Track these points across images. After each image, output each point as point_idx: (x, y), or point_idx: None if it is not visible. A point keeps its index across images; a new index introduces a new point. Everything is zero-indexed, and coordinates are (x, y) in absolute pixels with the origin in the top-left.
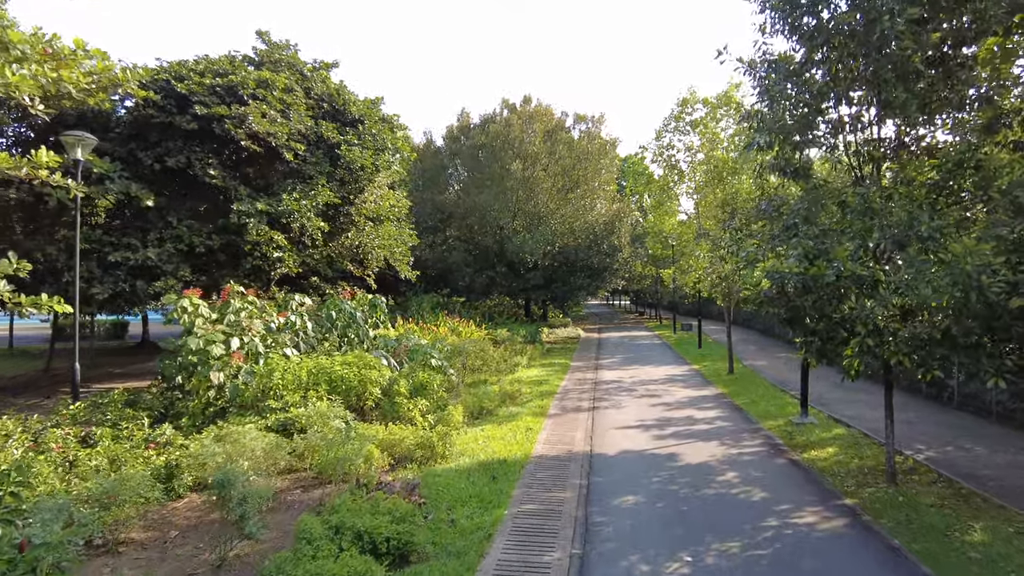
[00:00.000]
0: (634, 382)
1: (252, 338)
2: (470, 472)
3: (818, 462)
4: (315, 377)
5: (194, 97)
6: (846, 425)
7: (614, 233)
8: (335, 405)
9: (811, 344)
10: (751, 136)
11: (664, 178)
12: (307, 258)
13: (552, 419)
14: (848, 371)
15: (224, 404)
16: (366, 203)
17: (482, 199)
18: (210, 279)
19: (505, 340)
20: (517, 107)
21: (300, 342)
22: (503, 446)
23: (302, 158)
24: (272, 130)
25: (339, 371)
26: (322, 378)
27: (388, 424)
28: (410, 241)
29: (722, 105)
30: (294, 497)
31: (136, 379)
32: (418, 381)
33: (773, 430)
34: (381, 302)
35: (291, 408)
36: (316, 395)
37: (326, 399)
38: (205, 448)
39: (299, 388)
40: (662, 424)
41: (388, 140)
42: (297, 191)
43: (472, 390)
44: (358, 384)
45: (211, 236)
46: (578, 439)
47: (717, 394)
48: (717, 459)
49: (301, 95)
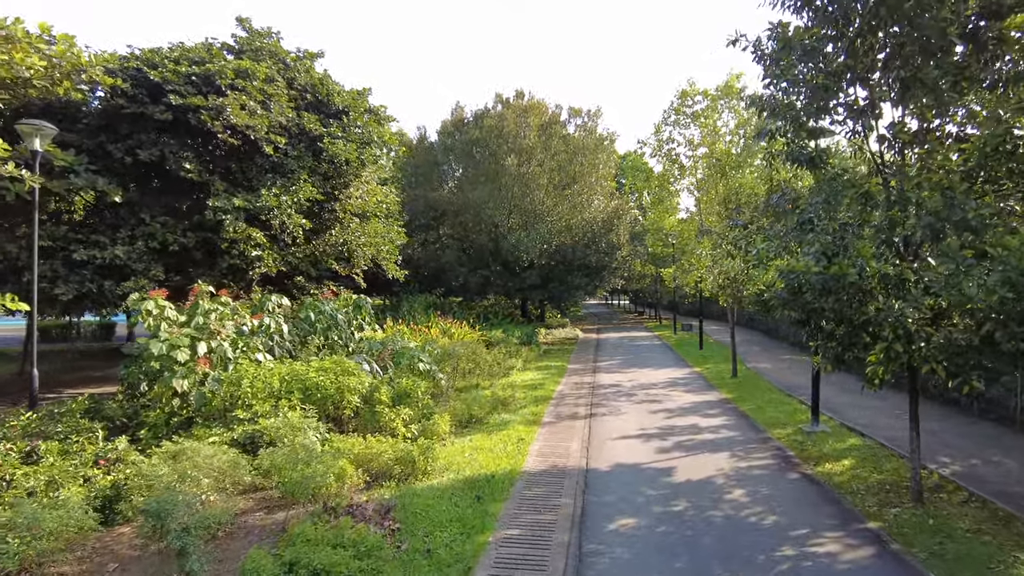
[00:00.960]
0: (634, 386)
1: (221, 342)
2: (453, 490)
3: (834, 477)
4: (288, 385)
5: (168, 86)
6: (860, 434)
7: (612, 231)
8: (309, 415)
9: (828, 349)
10: (761, 123)
11: (664, 174)
12: (289, 257)
13: (546, 428)
14: (871, 380)
15: (190, 414)
16: (351, 199)
17: (476, 196)
18: (186, 279)
19: (500, 342)
20: (511, 101)
21: (275, 346)
22: (491, 459)
23: (283, 152)
24: (251, 122)
25: (314, 378)
26: (295, 386)
27: (366, 436)
28: (398, 239)
29: (723, 97)
30: (255, 520)
31: (115, 384)
32: (401, 388)
33: (783, 440)
34: (366, 303)
35: (260, 419)
36: (288, 404)
37: (299, 408)
38: (153, 467)
39: (270, 397)
40: (664, 433)
41: (374, 133)
42: (277, 186)
43: (463, 395)
44: (335, 392)
45: (186, 234)
46: (573, 451)
47: (721, 399)
48: (724, 474)
49: (283, 85)
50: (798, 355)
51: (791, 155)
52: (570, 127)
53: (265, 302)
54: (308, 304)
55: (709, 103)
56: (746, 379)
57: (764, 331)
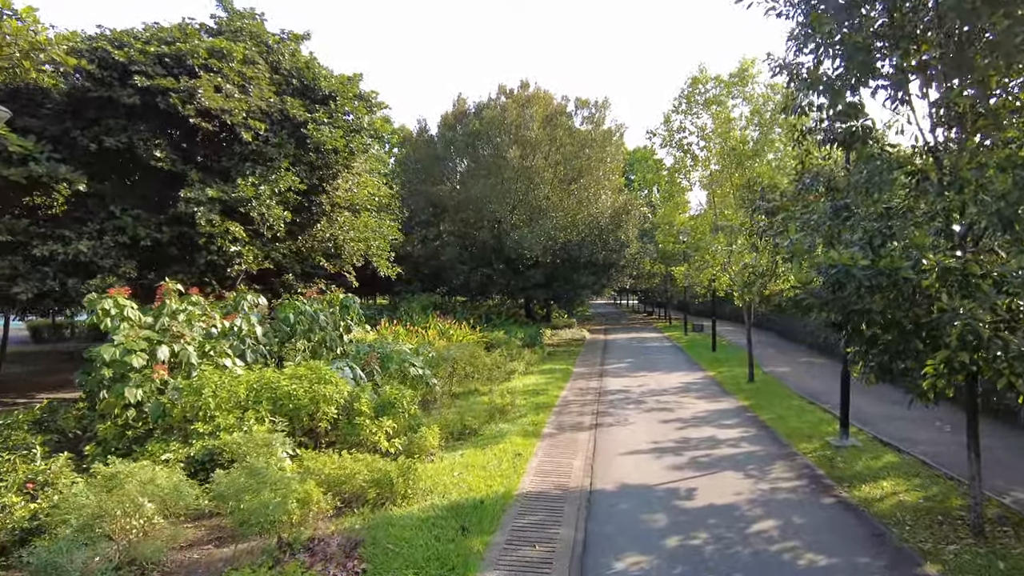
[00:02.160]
0: (643, 392)
1: (185, 346)
2: (436, 519)
3: (874, 503)
4: (256, 394)
5: (134, 67)
6: (896, 449)
7: (621, 227)
8: (278, 428)
9: (872, 358)
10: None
11: (674, 167)
12: (273, 253)
13: (546, 441)
14: (924, 395)
15: (147, 427)
16: (339, 190)
17: (478, 190)
18: (161, 277)
19: (501, 344)
20: (514, 92)
21: (247, 351)
22: (483, 479)
23: (263, 139)
24: (227, 106)
25: (285, 386)
26: (264, 395)
27: (343, 452)
28: (391, 234)
29: (737, 84)
30: (202, 555)
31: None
32: (385, 397)
33: (810, 456)
34: (354, 302)
35: (222, 433)
36: (255, 416)
37: (268, 421)
38: (76, 496)
39: (236, 407)
40: (677, 448)
41: (364, 120)
42: (255, 175)
43: (459, 402)
44: (308, 402)
45: (161, 228)
46: (576, 469)
47: (738, 407)
48: (748, 498)
49: (265, 69)
50: (816, 357)
51: (826, 132)
52: (577, 119)
53: (240, 301)
54: (286, 304)
55: (723, 90)
56: (763, 384)
57: (778, 332)
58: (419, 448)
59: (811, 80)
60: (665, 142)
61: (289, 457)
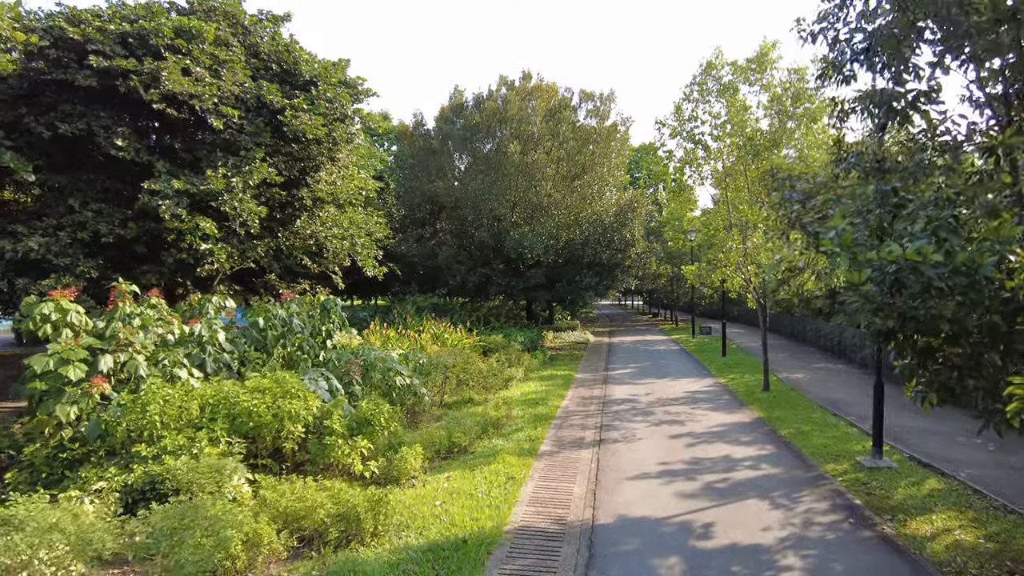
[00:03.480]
0: (651, 401)
1: (133, 356)
2: (407, 565)
3: (926, 543)
4: (212, 410)
5: (91, 46)
6: (938, 472)
7: (626, 226)
8: (235, 451)
9: (932, 374)
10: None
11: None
12: (250, 251)
13: (544, 461)
14: (1006, 422)
15: (87, 449)
16: (320, 183)
17: (476, 187)
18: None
19: (500, 348)
20: (516, 84)
21: (207, 360)
22: (469, 511)
23: (237, 127)
24: (196, 91)
25: (245, 402)
26: (221, 411)
27: (307, 479)
28: (377, 231)
29: (754, 70)
30: None
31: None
32: (361, 413)
33: (841, 480)
34: (335, 304)
35: (167, 457)
36: (209, 436)
37: (224, 442)
38: None
39: (188, 426)
40: (690, 470)
41: (349, 108)
42: (226, 167)
43: (451, 413)
44: (272, 420)
45: (126, 224)
46: (576, 497)
47: (755, 420)
48: (776, 536)
49: (240, 52)
50: (832, 362)
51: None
52: (581, 112)
53: (204, 304)
54: (256, 307)
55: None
56: (780, 393)
57: (789, 335)
58: (399, 471)
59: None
60: (675, 133)
61: (248, 483)
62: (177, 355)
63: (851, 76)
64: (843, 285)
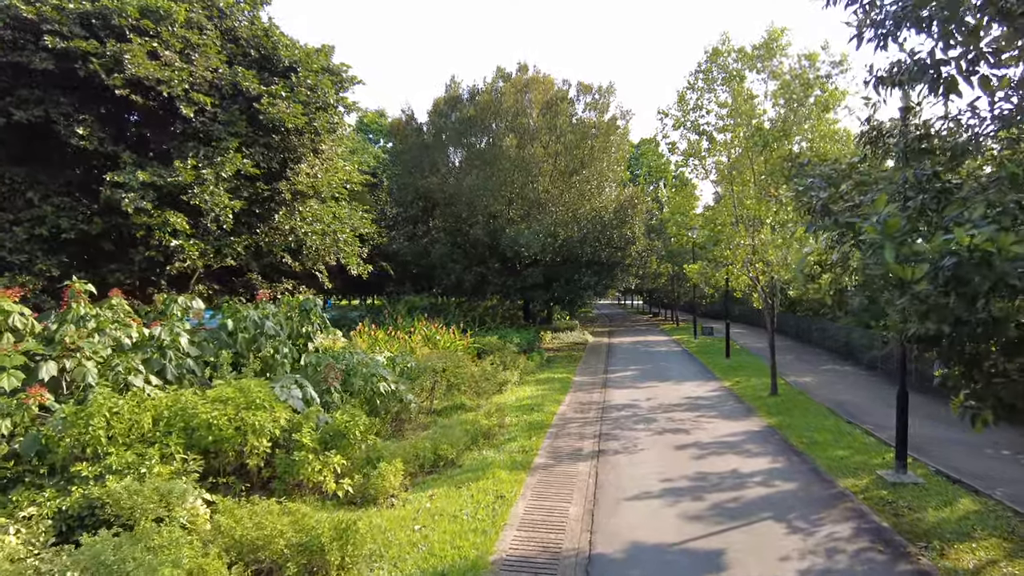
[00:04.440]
0: (652, 407)
1: (81, 362)
2: None
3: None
4: (167, 423)
5: (47, 25)
6: (971, 490)
7: (626, 223)
8: (191, 468)
9: (989, 388)
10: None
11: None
12: (226, 248)
13: (538, 476)
14: None
15: (21, 468)
16: (300, 175)
17: (470, 183)
18: (94, 276)
19: (496, 349)
20: (512, 76)
21: (168, 366)
22: (451, 536)
23: (210, 115)
24: (162, 76)
25: (204, 414)
26: (177, 424)
27: (271, 500)
28: (362, 226)
29: (762, 57)
30: None
31: None
32: (335, 426)
33: (863, 498)
34: (315, 305)
35: (111, 477)
36: (162, 452)
37: (179, 458)
38: None
39: (140, 441)
40: (696, 487)
41: (331, 96)
42: (196, 157)
43: (441, 420)
44: (234, 433)
45: (91, 219)
46: (571, 519)
47: (764, 428)
48: (796, 568)
49: (215, 36)
50: (839, 364)
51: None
52: (579, 105)
53: (170, 304)
54: (225, 308)
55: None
56: (788, 398)
57: (793, 335)
58: (377, 489)
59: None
60: (678, 123)
61: (207, 504)
62: (133, 361)
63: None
64: (856, 284)
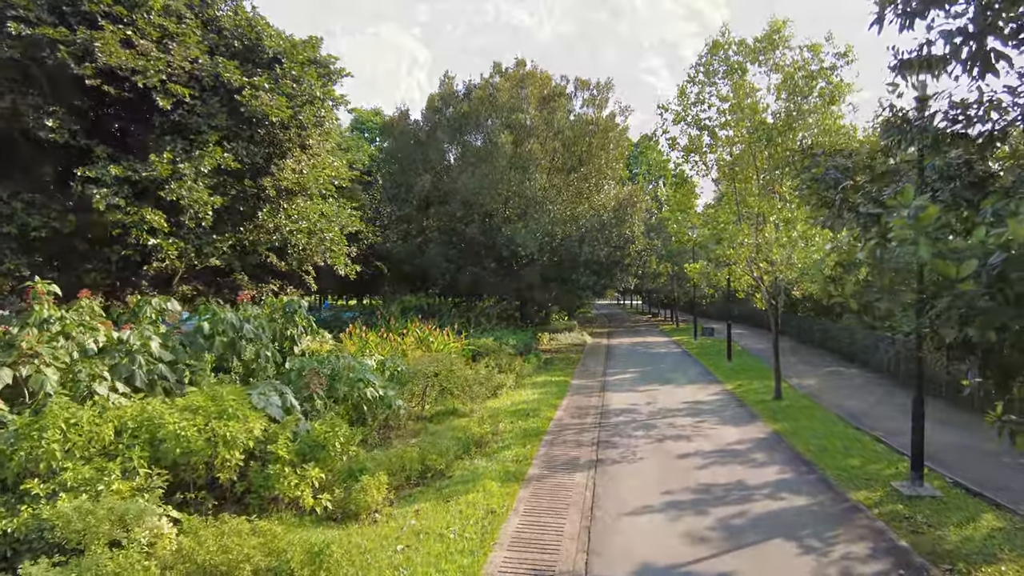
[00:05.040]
0: (652, 412)
1: (40, 368)
2: None
3: None
4: (131, 435)
5: (11, 12)
6: (992, 503)
7: (625, 222)
8: (155, 484)
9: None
10: None
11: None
12: (207, 247)
13: (531, 488)
14: None
15: None
16: (285, 171)
17: (465, 181)
18: (69, 276)
19: (491, 351)
20: (509, 72)
21: (137, 372)
22: (435, 558)
23: (189, 107)
24: (136, 65)
25: (171, 425)
26: (143, 436)
27: (241, 519)
28: (350, 224)
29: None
30: None
31: None
32: (313, 436)
33: (878, 512)
34: (300, 306)
35: (63, 496)
36: (123, 467)
37: (143, 473)
38: None
39: (100, 455)
40: (700, 500)
41: (318, 88)
42: (173, 151)
43: (431, 427)
44: (205, 446)
45: (64, 216)
46: (567, 537)
47: (769, 435)
48: None
49: (195, 25)
50: (843, 366)
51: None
52: (577, 101)
53: (144, 306)
54: (201, 310)
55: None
56: (793, 402)
57: (795, 336)
58: (358, 504)
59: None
60: (679, 118)
61: (173, 523)
62: (98, 367)
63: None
64: (864, 281)
